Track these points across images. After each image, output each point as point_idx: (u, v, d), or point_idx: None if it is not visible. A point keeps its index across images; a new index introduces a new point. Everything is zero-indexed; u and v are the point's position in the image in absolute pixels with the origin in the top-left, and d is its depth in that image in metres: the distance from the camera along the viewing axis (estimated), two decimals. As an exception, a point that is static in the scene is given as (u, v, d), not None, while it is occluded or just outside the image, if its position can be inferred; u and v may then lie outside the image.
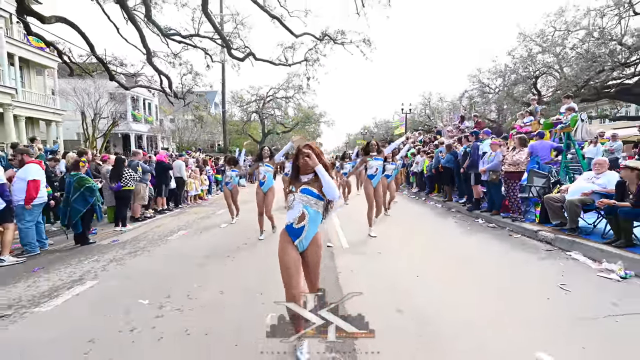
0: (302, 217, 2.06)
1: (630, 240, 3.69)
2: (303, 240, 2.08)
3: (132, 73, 14.44)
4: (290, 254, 2.06)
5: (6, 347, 2.27)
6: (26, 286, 3.38)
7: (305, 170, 2.12)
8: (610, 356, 2.03)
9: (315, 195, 2.07)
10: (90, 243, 5.02)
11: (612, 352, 2.07)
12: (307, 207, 2.07)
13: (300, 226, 2.07)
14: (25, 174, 4.33)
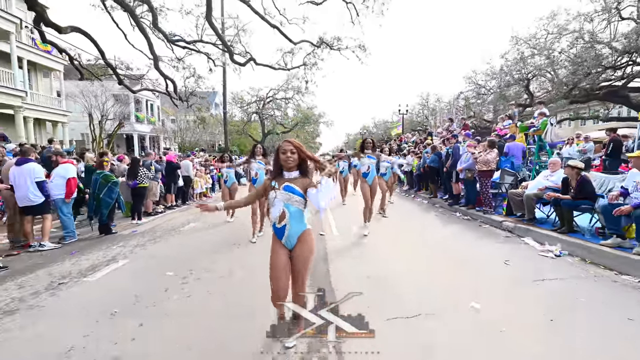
0: (282, 216, 2.06)
1: (571, 227, 4.46)
2: (288, 239, 2.10)
3: (138, 76, 15.22)
4: (278, 253, 2.11)
5: (73, 302, 3.04)
6: (71, 264, 4.15)
7: (288, 167, 2.10)
8: (530, 307, 2.79)
9: (297, 193, 2.06)
10: (113, 233, 5.79)
11: (532, 305, 2.83)
12: (288, 205, 2.06)
13: (282, 225, 2.07)
14: (65, 173, 5.09)
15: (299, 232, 2.08)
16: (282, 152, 2.06)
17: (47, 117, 19.50)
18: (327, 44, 12.79)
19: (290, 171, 2.10)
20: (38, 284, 3.49)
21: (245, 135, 31.30)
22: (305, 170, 2.11)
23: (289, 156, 2.05)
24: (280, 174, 2.12)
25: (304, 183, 2.08)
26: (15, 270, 3.95)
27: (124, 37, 12.70)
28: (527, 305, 2.79)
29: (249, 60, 13.26)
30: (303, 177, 2.10)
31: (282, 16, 12.33)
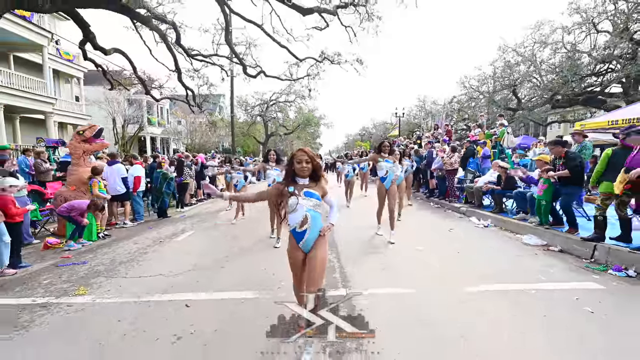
0: (304, 221, 2.17)
1: (502, 209, 6.49)
2: (306, 242, 2.22)
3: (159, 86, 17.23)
4: (297, 257, 2.24)
5: (173, 251, 5.05)
6: (156, 233, 6.17)
7: (303, 175, 2.22)
8: (448, 247, 4.79)
9: (317, 197, 2.21)
10: (168, 217, 7.80)
11: (450, 246, 4.84)
12: (310, 209, 2.18)
13: (303, 230, 2.19)
14: (137, 172, 7.11)
15: (317, 236, 2.22)
16: (298, 162, 2.20)
17: (69, 120, 21.53)
18: (328, 59, 14.78)
19: (304, 178, 2.25)
20: (145, 242, 5.52)
21: (249, 137, 33.35)
22: (316, 176, 2.27)
23: (304, 166, 2.19)
24: (294, 181, 2.25)
25: (321, 189, 2.26)
26: (119, 238, 5.97)
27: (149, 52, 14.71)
28: (448, 247, 4.81)
29: (259, 72, 15.27)
30: (314, 182, 2.26)
31: (289, 35, 14.34)
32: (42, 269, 4.27)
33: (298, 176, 2.25)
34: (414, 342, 2.35)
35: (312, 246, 2.23)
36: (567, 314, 2.75)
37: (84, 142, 5.98)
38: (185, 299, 3.15)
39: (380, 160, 5.19)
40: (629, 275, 3.48)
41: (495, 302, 2.98)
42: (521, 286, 3.31)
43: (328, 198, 2.32)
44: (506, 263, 4.10)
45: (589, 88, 20.30)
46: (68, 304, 3.14)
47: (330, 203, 2.35)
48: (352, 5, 11.48)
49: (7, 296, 3.39)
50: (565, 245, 4.46)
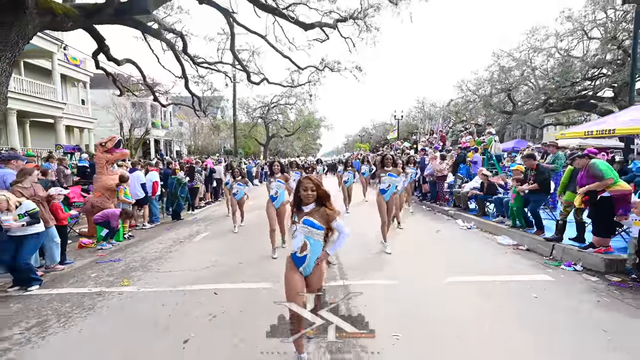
0: (304, 247, 2.26)
1: (484, 212, 7.26)
2: (306, 268, 2.30)
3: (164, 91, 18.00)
4: (294, 277, 2.29)
5: (195, 250, 5.82)
6: (175, 234, 6.94)
7: (307, 201, 2.29)
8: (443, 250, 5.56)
9: (316, 226, 2.25)
10: (181, 219, 8.56)
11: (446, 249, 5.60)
12: (309, 237, 2.26)
13: (303, 255, 2.27)
14: (154, 178, 7.87)
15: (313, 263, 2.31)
16: (303, 189, 2.28)
17: (75, 123, 22.29)
18: (328, 67, 15.55)
19: (307, 206, 2.31)
20: (167, 243, 6.29)
21: (250, 138, 34.10)
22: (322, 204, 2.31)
23: (309, 193, 2.26)
24: (299, 207, 2.33)
25: (323, 215, 2.28)
26: (142, 238, 6.74)
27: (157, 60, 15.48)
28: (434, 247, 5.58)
29: (262, 80, 16.03)
30: (319, 206, 2.30)
31: (291, 44, 15.10)
32: (84, 265, 5.04)
33: (302, 203, 2.32)
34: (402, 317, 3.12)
35: (312, 271, 2.33)
36: (517, 298, 3.53)
37: (106, 153, 6.74)
38: (213, 288, 3.92)
39: (383, 175, 5.18)
40: (576, 269, 4.26)
41: (466, 290, 3.75)
42: (489, 278, 4.09)
43: (337, 224, 2.32)
44: (481, 260, 4.87)
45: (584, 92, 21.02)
46: (119, 292, 3.91)
47: (339, 229, 2.35)
48: (351, 19, 12.23)
49: (66, 287, 4.16)
50: (532, 244, 5.24)
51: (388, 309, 3.31)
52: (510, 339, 2.74)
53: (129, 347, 2.74)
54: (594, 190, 4.15)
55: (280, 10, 10.79)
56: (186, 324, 3.10)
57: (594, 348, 2.60)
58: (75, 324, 3.17)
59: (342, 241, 2.38)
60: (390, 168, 5.21)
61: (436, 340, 2.73)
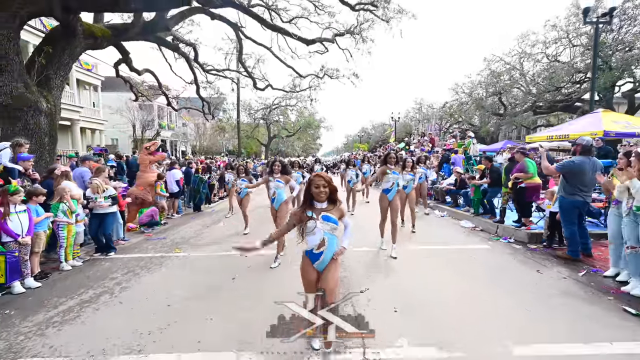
0: (322, 244, 2.38)
1: (456, 204, 8.86)
2: (320, 264, 2.44)
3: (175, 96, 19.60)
4: (311, 276, 2.45)
5: (221, 231, 7.40)
6: (201, 222, 8.52)
7: (320, 199, 2.40)
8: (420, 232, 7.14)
9: (334, 221, 2.40)
10: (201, 211, 10.15)
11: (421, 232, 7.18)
12: (327, 233, 2.38)
13: (319, 252, 2.40)
14: (179, 176, 9.45)
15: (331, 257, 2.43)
16: (315, 187, 2.38)
17: (88, 125, 23.90)
18: (328, 75, 17.14)
19: (321, 202, 2.42)
20: (197, 227, 7.88)
21: (252, 139, 35.72)
22: (333, 199, 2.44)
23: (321, 190, 2.37)
24: (311, 204, 2.42)
25: (339, 212, 2.43)
26: (175, 224, 8.31)
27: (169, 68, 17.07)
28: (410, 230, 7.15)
29: (267, 86, 17.63)
30: (332, 205, 2.43)
31: (294, 53, 16.69)
32: (139, 242, 6.62)
33: (316, 200, 2.41)
34: (384, 274, 4.71)
35: (326, 267, 2.43)
36: (464, 259, 5.12)
37: (149, 155, 8.30)
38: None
39: (388, 172, 5.17)
40: (510, 241, 5.85)
41: (431, 254, 5.35)
42: (449, 247, 5.71)
43: (345, 219, 2.53)
44: (446, 237, 6.47)
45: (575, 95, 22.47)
46: (175, 256, 5.51)
47: (346, 224, 2.56)
48: (348, 33, 13.82)
49: (135, 254, 5.74)
50: (485, 226, 6.85)
51: (372, 268, 4.91)
52: (453, 281, 4.30)
53: (196, 282, 4.32)
54: (518, 179, 5.80)
55: (285, 29, 12.36)
56: (229, 270, 4.69)
57: (506, 285, 4.18)
58: (154, 271, 4.77)
59: (350, 233, 2.60)
60: (393, 166, 5.24)
61: (406, 279, 4.33)
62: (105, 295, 3.93)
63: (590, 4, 11.06)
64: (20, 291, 4.00)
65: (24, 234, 4.12)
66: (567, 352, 2.62)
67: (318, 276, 2.46)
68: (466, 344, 2.74)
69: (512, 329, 2.99)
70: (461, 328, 2.99)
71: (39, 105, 7.62)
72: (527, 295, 3.73)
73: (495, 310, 3.37)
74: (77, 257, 5.21)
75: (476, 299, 3.66)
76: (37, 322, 3.27)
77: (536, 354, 2.61)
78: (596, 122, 8.99)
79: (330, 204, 2.44)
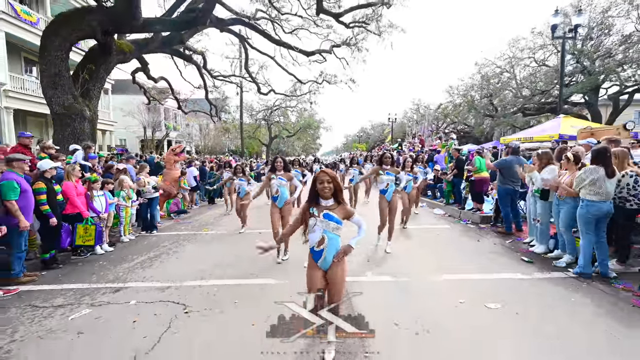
0: (321, 241, 2.39)
1: (435, 196, 10.51)
2: (324, 261, 2.42)
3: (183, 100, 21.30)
4: (314, 269, 2.47)
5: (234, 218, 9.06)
6: (217, 211, 10.18)
7: (325, 196, 2.39)
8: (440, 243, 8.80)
9: (335, 220, 2.38)
10: (215, 203, 11.80)
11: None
12: (327, 231, 2.38)
13: (320, 249, 2.41)
14: (194, 172, 11.11)
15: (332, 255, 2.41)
16: (320, 182, 2.39)
17: (100, 127, 25.53)
18: (326, 81, 18.80)
19: (326, 199, 2.42)
20: (216, 215, 9.53)
21: (254, 139, 37.40)
22: (339, 197, 2.44)
23: (325, 186, 2.37)
24: (316, 202, 2.44)
25: (343, 211, 2.43)
26: (196, 213, 9.96)
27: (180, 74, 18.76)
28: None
29: (270, 91, 19.31)
30: (338, 204, 2.43)
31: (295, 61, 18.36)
32: (169, 225, 8.27)
33: (321, 197, 2.42)
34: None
35: (331, 265, 2.43)
36: (431, 236, 6.74)
37: (175, 155, 9.95)
38: (256, 232, 7.13)
39: (381, 173, 5.22)
40: (467, 223, 7.51)
41: (409, 233, 6.98)
42: (422, 227, 7.36)
43: (355, 219, 2.49)
44: (420, 221, 8.11)
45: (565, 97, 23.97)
46: (205, 233, 7.16)
47: (358, 223, 2.50)
48: (344, 44, 15.48)
49: (173, 231, 7.38)
50: (452, 212, 8.52)
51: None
52: (416, 247, 5.97)
53: (225, 250, 5.97)
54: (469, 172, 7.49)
55: (288, 43, 14.02)
56: (251, 241, 6.34)
57: (453, 249, 5.86)
58: (193, 242, 6.43)
59: (362, 234, 2.50)
60: (389, 167, 5.30)
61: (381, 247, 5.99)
62: (163, 254, 5.60)
63: (557, 22, 12.70)
64: (100, 252, 5.66)
65: (103, 211, 5.78)
66: (476, 277, 4.30)
67: (323, 275, 2.47)
68: (412, 274, 4.40)
69: (447, 268, 4.65)
70: (412, 267, 4.66)
71: (84, 113, 9.30)
72: (465, 254, 5.39)
73: (439, 262, 5.01)
74: (131, 233, 6.88)
75: (429, 257, 5.32)
76: (126, 267, 4.94)
77: (456, 279, 4.26)
78: (555, 127, 10.64)
79: (335, 202, 2.45)
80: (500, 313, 3.35)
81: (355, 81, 19.60)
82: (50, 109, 9.09)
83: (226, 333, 3.01)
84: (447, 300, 3.64)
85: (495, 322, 3.18)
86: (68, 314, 3.45)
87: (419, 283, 4.16)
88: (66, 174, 5.34)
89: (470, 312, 3.37)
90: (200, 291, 3.98)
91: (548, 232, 5.19)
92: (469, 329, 3.03)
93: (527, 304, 3.55)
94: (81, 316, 3.40)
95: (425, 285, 4.11)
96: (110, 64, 10.64)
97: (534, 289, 3.95)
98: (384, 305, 3.55)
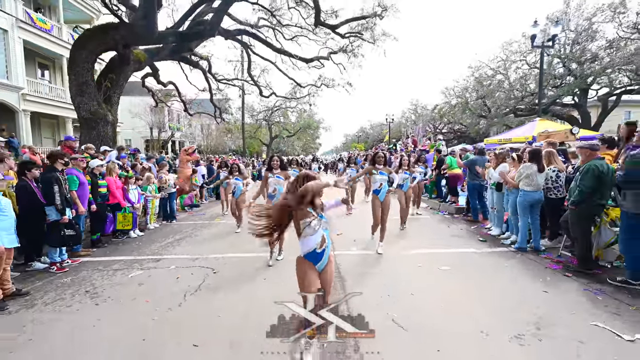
0: (323, 241, 2.46)
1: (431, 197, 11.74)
2: (323, 261, 2.49)
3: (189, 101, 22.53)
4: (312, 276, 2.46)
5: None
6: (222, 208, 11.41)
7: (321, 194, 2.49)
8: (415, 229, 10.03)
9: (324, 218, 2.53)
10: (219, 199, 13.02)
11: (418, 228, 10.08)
12: (326, 230, 2.49)
13: (322, 249, 2.46)
14: (202, 170, 12.33)
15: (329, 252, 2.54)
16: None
17: (107, 127, 26.82)
18: (325, 85, 20.02)
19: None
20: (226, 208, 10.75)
21: (255, 139, 38.62)
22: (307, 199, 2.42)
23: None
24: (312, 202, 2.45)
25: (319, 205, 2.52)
26: (206, 207, 11.19)
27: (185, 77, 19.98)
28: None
29: (271, 94, 20.53)
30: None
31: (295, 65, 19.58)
32: (185, 217, 9.49)
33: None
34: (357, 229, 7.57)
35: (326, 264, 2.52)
36: (416, 224, 7.94)
37: (187, 155, 11.18)
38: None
39: (374, 172, 5.27)
40: (444, 214, 8.74)
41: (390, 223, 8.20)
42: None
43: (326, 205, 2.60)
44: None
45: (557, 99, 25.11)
46: (217, 222, 8.39)
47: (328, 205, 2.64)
48: (341, 51, 16.69)
49: (189, 221, 8.61)
50: (434, 205, 9.75)
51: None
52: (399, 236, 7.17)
53: (238, 235, 7.19)
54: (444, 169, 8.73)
55: (288, 52, 15.24)
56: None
57: (426, 233, 7.09)
58: (208, 229, 7.66)
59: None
60: (382, 167, 5.37)
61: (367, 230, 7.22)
62: (187, 237, 6.84)
63: (536, 32, 13.92)
64: (134, 236, 6.89)
65: (136, 202, 7.01)
66: (436, 251, 5.55)
67: (318, 275, 2.51)
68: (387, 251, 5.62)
69: (416, 246, 5.88)
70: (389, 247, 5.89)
71: (107, 118, 10.53)
72: (435, 236, 6.64)
73: (411, 242, 6.25)
74: (155, 222, 8.11)
75: (404, 240, 6.55)
76: (159, 246, 6.18)
77: (421, 252, 5.49)
78: (530, 129, 11.85)
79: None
80: (449, 273, 4.58)
81: (352, 85, 20.86)
82: (77, 113, 10.32)
83: (246, 284, 4.25)
84: (410, 265, 4.88)
85: (444, 278, 4.41)
86: (127, 273, 4.69)
87: (392, 256, 5.39)
88: (108, 171, 6.56)
89: (426, 272, 4.61)
90: (224, 261, 5.21)
91: (502, 217, 6.41)
92: (424, 282, 4.27)
93: (471, 267, 4.78)
94: (137, 275, 4.63)
95: (396, 257, 5.34)
96: (128, 72, 11.87)
97: (479, 259, 5.19)
98: (362, 272, 4.79)
